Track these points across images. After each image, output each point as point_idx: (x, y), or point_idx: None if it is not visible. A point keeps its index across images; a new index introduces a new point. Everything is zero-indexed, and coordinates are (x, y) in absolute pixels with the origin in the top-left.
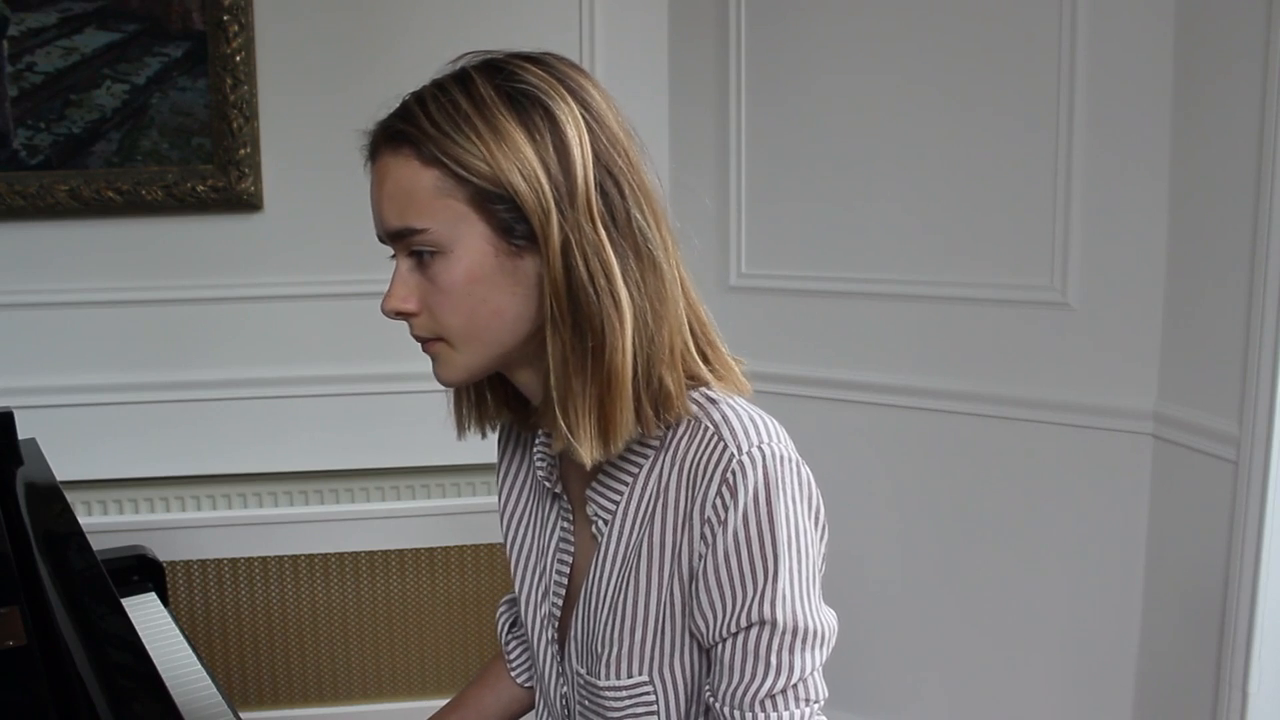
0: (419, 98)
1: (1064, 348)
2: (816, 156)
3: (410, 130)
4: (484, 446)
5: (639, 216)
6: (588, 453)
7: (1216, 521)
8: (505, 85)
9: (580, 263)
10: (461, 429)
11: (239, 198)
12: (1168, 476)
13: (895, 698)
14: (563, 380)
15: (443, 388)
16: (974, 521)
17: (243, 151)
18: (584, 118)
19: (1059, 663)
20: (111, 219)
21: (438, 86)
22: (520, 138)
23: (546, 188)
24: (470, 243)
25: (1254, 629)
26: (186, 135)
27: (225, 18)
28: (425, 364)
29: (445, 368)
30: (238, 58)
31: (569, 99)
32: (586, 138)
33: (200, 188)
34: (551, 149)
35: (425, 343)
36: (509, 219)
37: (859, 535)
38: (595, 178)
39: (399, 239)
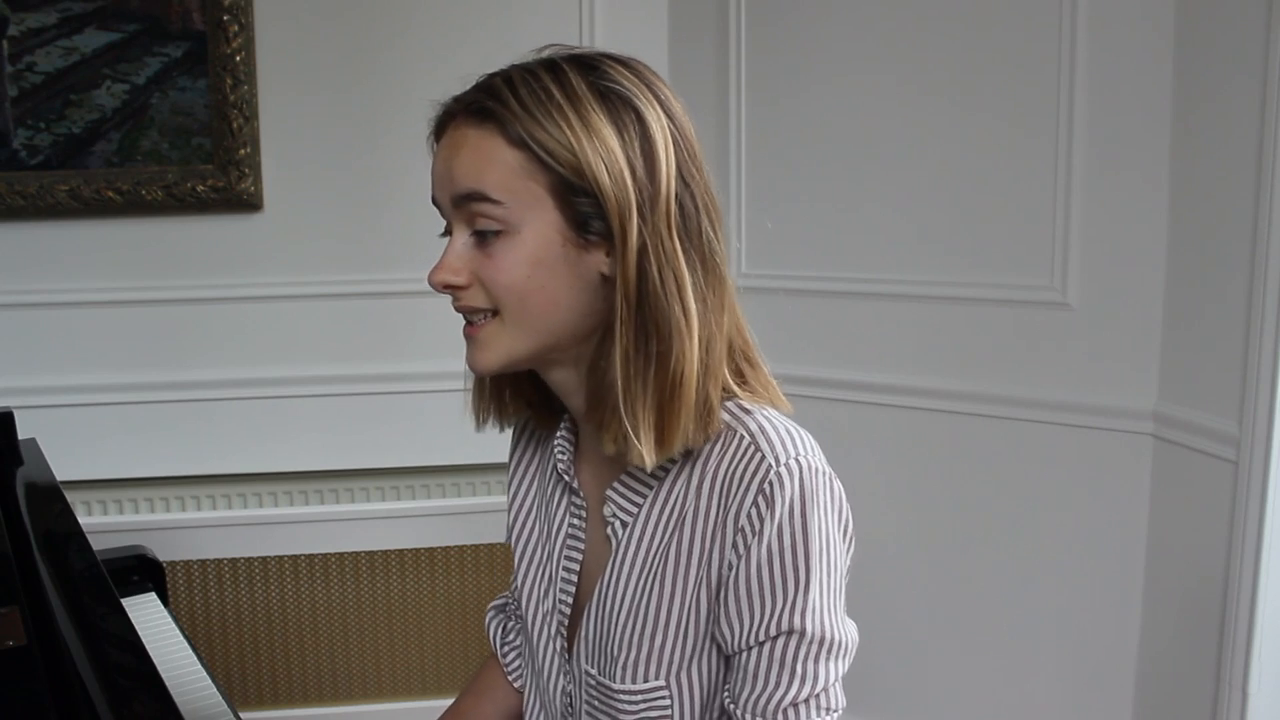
0: (506, 78)
1: (1064, 348)
2: (816, 156)
3: (498, 109)
4: (484, 446)
5: (709, 230)
6: (648, 454)
7: (1216, 521)
8: (598, 82)
9: (654, 269)
10: (480, 421)
11: (239, 198)
12: (1168, 476)
13: (894, 697)
14: (625, 381)
15: (463, 386)
16: (974, 521)
17: (243, 151)
18: (669, 128)
19: (1059, 663)
20: (111, 219)
21: (527, 71)
22: (609, 134)
23: (630, 189)
24: (539, 228)
25: (1254, 629)
26: (186, 135)
27: (225, 18)
28: (426, 364)
29: (484, 351)
30: (238, 58)
31: (657, 106)
32: (671, 148)
33: (200, 188)
34: (639, 152)
35: (471, 320)
36: (587, 213)
37: (858, 535)
38: (676, 190)
39: (464, 203)
